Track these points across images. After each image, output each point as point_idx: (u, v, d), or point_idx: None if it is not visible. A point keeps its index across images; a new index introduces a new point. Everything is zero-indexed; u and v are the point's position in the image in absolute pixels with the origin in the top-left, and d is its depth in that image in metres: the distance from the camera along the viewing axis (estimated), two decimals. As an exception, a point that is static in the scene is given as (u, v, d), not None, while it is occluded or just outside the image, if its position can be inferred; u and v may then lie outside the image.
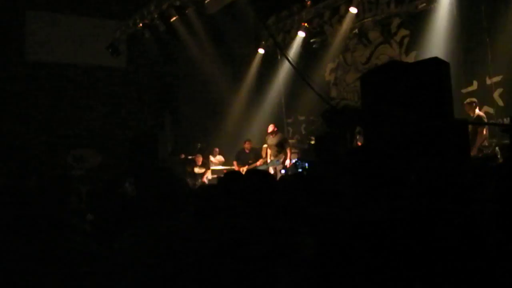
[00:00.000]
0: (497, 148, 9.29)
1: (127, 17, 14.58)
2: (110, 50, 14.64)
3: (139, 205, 3.36)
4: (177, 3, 13.18)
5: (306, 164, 11.56)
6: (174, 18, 13.50)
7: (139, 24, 14.19)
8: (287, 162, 12.82)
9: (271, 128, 13.29)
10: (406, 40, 12.81)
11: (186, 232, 2.78)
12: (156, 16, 13.67)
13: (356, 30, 13.76)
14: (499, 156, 8.99)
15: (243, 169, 13.79)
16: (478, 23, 10.85)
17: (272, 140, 13.25)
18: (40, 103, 15.17)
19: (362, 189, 2.47)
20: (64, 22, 15.36)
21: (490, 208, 1.90)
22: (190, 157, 15.01)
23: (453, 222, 2.09)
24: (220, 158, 15.59)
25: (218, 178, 5.24)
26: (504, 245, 1.81)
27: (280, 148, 13.09)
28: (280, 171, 12.78)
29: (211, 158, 15.41)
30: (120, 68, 16.24)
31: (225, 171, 14.37)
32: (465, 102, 9.99)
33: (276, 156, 13.13)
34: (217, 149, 15.63)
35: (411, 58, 12.25)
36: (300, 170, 11.84)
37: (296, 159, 12.84)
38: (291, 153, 13.04)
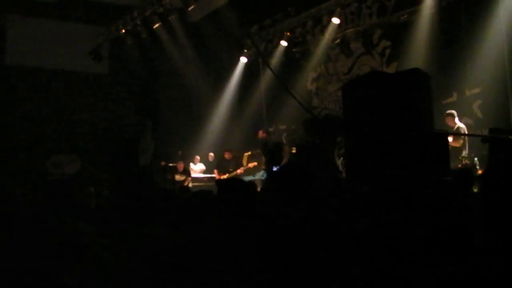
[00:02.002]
0: (476, 159, 9.40)
1: (110, 23, 14.53)
2: (92, 56, 14.56)
3: (118, 210, 3.36)
4: (160, 10, 13.16)
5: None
6: (157, 25, 13.48)
7: (121, 30, 14.15)
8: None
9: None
10: (387, 51, 12.91)
11: (166, 237, 2.79)
12: (139, 22, 13.64)
13: (338, 40, 13.83)
14: (477, 167, 9.10)
15: (224, 177, 13.78)
16: (458, 36, 10.98)
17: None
18: (19, 108, 15.02)
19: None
20: (45, 27, 15.23)
21: (475, 216, 1.94)
22: (171, 164, 14.96)
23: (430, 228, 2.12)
24: (201, 166, 15.57)
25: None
26: (491, 249, 1.84)
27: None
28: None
29: (192, 166, 15.38)
30: (101, 74, 16.15)
31: (205, 179, 14.40)
32: (445, 114, 10.09)
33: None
34: (198, 157, 15.62)
35: (392, 69, 12.36)
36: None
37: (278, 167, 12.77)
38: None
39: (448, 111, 10.16)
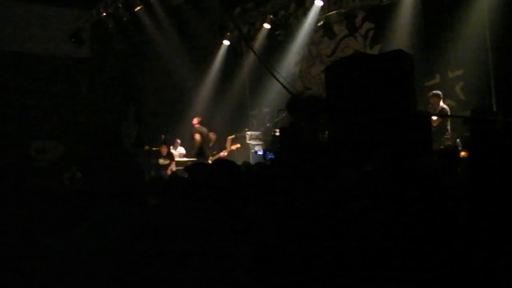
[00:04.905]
0: (458, 140, 9.47)
1: (91, 6, 14.36)
2: (73, 40, 14.41)
3: (99, 193, 3.31)
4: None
5: (272, 156, 11.53)
6: (138, 8, 13.35)
7: (103, 13, 14.00)
8: None
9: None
10: (370, 33, 12.91)
11: (152, 216, 2.75)
12: (120, 5, 13.50)
13: (321, 23, 13.79)
14: (460, 148, 9.15)
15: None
16: (441, 18, 11.02)
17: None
18: (1, 93, 14.84)
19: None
20: (26, 11, 15.03)
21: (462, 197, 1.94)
22: (154, 148, 14.85)
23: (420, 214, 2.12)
24: (181, 150, 15.43)
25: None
26: (480, 238, 1.84)
27: None
28: None
29: (172, 150, 15.25)
30: (83, 58, 15.99)
31: (189, 163, 14.32)
32: (431, 94, 10.14)
33: None
34: (178, 141, 15.45)
35: (375, 51, 12.36)
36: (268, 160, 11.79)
37: (263, 150, 12.77)
38: None
39: (435, 92, 10.21)
